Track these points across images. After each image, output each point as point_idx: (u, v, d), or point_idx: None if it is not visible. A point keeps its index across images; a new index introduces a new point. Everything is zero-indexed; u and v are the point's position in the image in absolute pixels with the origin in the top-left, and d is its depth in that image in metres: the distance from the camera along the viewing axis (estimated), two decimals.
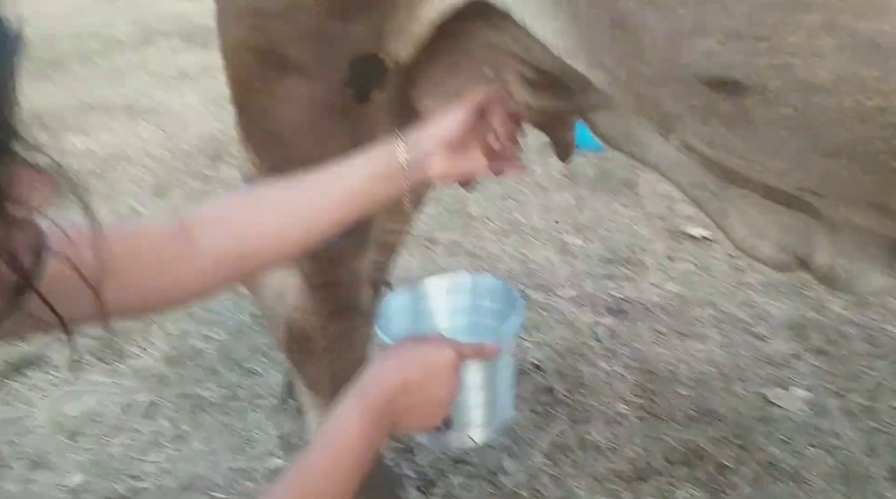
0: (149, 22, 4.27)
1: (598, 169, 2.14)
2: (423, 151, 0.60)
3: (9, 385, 1.25)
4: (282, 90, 0.62)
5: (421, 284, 0.73)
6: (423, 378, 0.55)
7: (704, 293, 1.56)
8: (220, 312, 1.48)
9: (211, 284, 0.55)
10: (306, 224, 0.57)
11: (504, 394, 0.65)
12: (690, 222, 1.87)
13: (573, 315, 1.49)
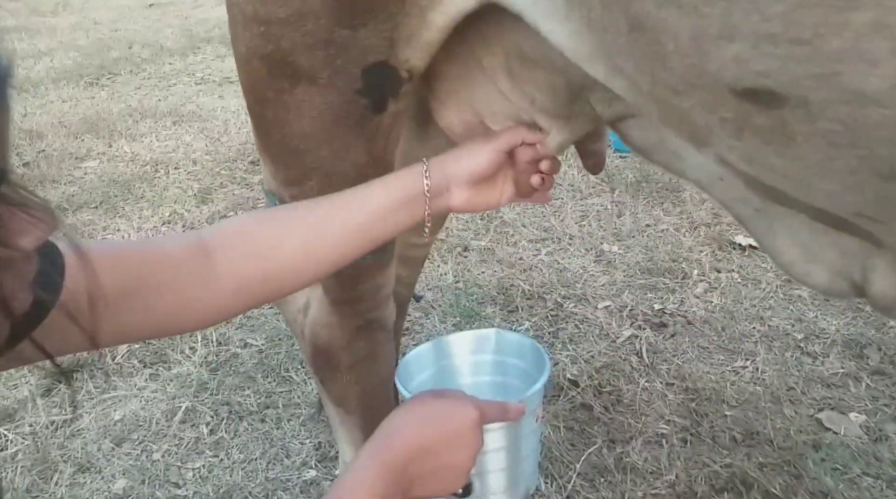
0: (195, 29, 4.44)
1: (638, 172, 2.09)
2: (447, 181, 0.60)
3: (60, 389, 1.32)
4: (294, 100, 0.61)
5: (444, 339, 0.73)
6: (444, 440, 0.53)
7: (752, 307, 1.50)
8: (259, 318, 1.52)
9: (230, 309, 0.55)
10: (328, 246, 0.56)
11: (528, 460, 0.63)
12: (737, 230, 1.80)
13: (611, 328, 1.45)
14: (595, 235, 1.82)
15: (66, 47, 4.16)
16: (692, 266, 1.66)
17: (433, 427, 0.53)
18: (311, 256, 0.56)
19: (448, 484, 0.55)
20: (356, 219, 0.57)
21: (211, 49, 3.96)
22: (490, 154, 0.61)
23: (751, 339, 1.41)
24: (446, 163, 0.61)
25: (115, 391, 1.33)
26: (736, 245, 1.75)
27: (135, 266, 0.49)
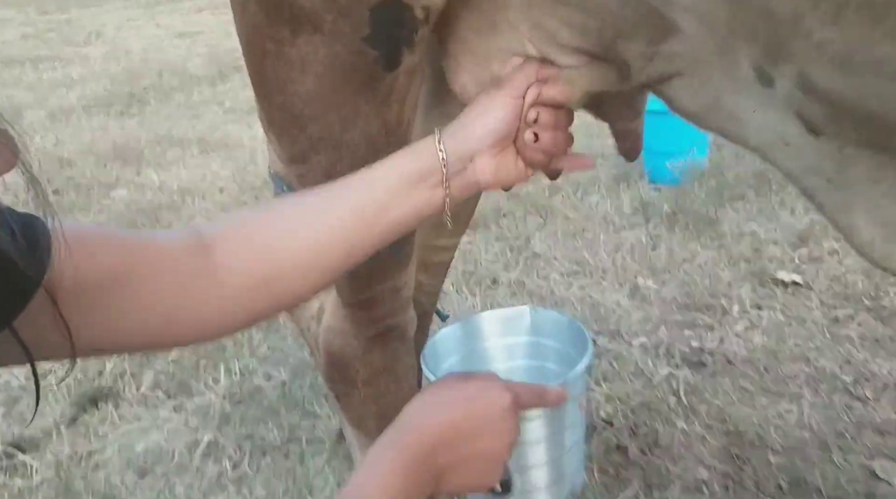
0: (224, 58, 4.63)
1: (674, 204, 2.10)
2: (468, 151, 0.52)
3: (84, 419, 1.37)
4: (296, 53, 0.54)
5: (475, 318, 0.68)
6: (472, 426, 0.48)
7: (796, 347, 1.48)
8: (283, 350, 1.55)
9: (233, 317, 0.49)
10: (335, 236, 0.51)
11: (573, 454, 0.59)
12: (780, 266, 1.79)
13: (647, 366, 1.45)
14: (629, 268, 1.82)
15: (97, 76, 4.38)
16: (732, 302, 1.65)
17: (461, 412, 0.48)
18: (318, 248, 0.50)
19: (482, 476, 0.50)
20: (363, 201, 0.51)
21: (239, 77, 4.12)
22: (506, 103, 0.53)
23: (796, 381, 1.39)
24: (460, 130, 0.53)
25: (139, 422, 1.37)
26: (779, 281, 1.73)
27: (124, 255, 0.44)
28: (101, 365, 1.50)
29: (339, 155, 0.59)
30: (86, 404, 1.39)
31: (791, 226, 1.97)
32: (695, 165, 2.24)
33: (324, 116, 0.57)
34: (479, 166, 0.53)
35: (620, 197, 2.18)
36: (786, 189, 2.17)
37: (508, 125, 0.53)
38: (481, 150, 0.53)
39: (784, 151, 0.52)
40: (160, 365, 1.51)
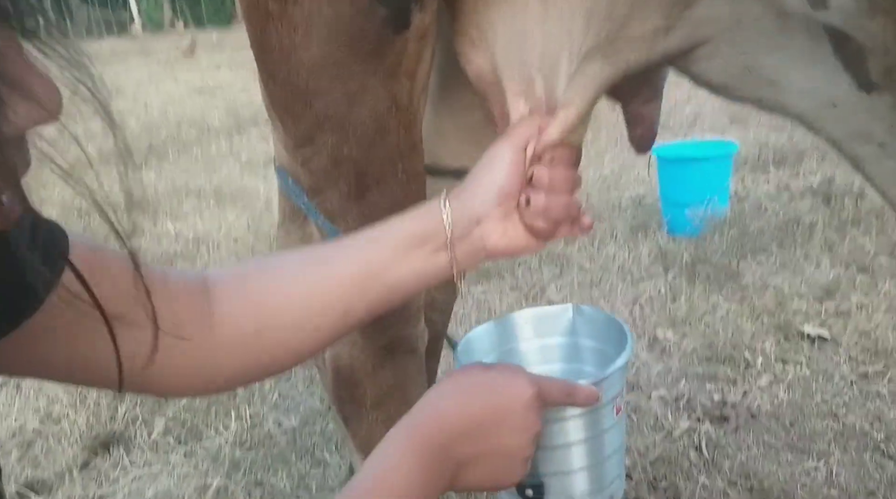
0: (241, 111, 4.86)
1: (693, 256, 2.13)
2: (474, 214, 0.52)
3: (96, 463, 1.42)
4: (300, 12, 0.53)
5: (508, 318, 0.66)
6: (491, 419, 0.47)
7: (823, 403, 1.48)
8: (293, 398, 1.60)
9: (225, 368, 0.49)
10: (332, 291, 0.50)
11: (612, 461, 0.56)
12: (805, 320, 1.80)
13: (667, 419, 1.45)
14: (648, 320, 1.84)
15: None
16: (755, 356, 1.66)
17: (480, 403, 0.47)
18: (312, 305, 0.50)
19: (502, 473, 0.48)
20: (362, 262, 0.50)
21: (256, 131, 4.33)
22: (509, 158, 0.52)
23: (823, 437, 1.38)
24: (465, 189, 0.53)
25: (150, 467, 1.41)
26: (804, 335, 1.74)
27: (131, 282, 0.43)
28: (112, 411, 1.56)
29: (345, 135, 0.58)
30: (98, 449, 1.44)
31: (816, 280, 1.99)
32: (715, 215, 2.28)
33: (329, 91, 0.56)
34: (486, 230, 0.52)
35: (638, 247, 2.23)
36: (810, 242, 2.20)
37: (512, 181, 0.52)
38: (487, 212, 0.52)
39: (830, 114, 0.49)
40: (172, 412, 1.56)
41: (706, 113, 3.86)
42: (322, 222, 0.69)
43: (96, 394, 1.60)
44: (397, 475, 0.44)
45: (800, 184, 2.73)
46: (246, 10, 0.57)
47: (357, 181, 0.64)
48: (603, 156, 3.24)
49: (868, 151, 0.50)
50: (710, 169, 2.29)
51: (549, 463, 0.55)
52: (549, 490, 0.55)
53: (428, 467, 0.45)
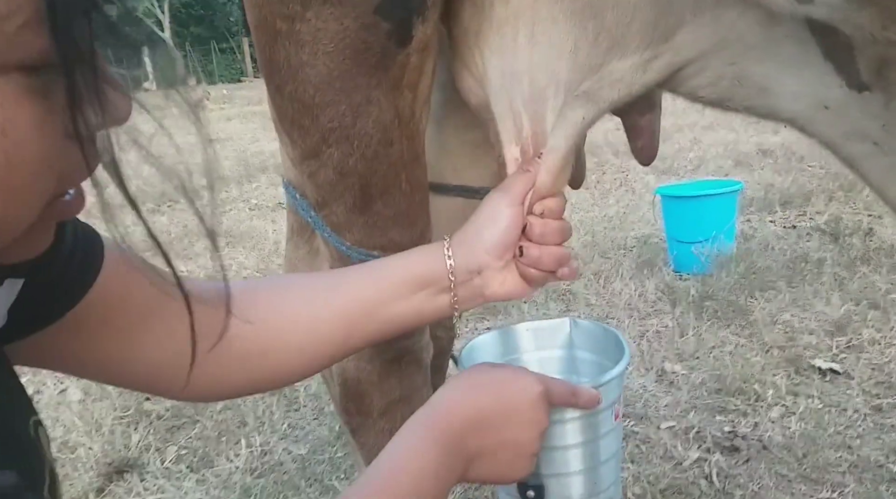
0: (251, 160, 5.04)
1: (700, 292, 2.16)
2: (475, 263, 0.57)
3: (111, 489, 1.45)
4: (307, 29, 0.56)
5: (510, 329, 0.69)
6: (500, 414, 0.50)
7: (837, 434, 1.48)
8: (302, 428, 1.63)
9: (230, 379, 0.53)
10: (334, 319, 0.54)
11: (609, 467, 0.59)
12: (816, 354, 1.81)
13: (676, 449, 1.46)
14: (656, 354, 1.86)
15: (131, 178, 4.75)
16: (766, 388, 1.67)
17: (490, 398, 0.50)
18: (316, 329, 0.54)
19: (510, 467, 0.51)
20: (366, 292, 0.55)
21: (266, 178, 4.48)
22: (509, 213, 0.58)
23: (837, 469, 1.38)
24: (470, 240, 0.58)
25: (163, 494, 1.43)
26: (815, 369, 1.75)
27: (158, 291, 0.47)
28: (127, 439, 1.60)
29: (350, 147, 0.61)
30: (112, 475, 1.48)
31: (827, 316, 2.01)
32: (722, 253, 2.33)
33: (335, 104, 0.59)
34: (486, 279, 0.57)
35: (645, 284, 2.27)
36: (819, 279, 2.23)
37: (512, 235, 0.58)
38: (488, 263, 0.57)
39: (823, 116, 0.50)
40: (184, 440, 1.60)
41: (710, 157, 3.97)
42: (328, 235, 0.73)
43: (111, 422, 1.64)
44: (413, 461, 0.47)
45: (807, 223, 2.78)
46: (255, 30, 0.61)
47: (362, 193, 0.67)
48: (607, 197, 3.33)
49: (863, 149, 0.51)
50: (714, 206, 2.36)
51: (550, 464, 0.58)
52: (549, 492, 0.58)
53: (442, 455, 0.48)
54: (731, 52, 0.53)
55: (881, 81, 0.48)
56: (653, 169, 3.76)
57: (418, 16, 0.57)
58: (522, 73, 0.60)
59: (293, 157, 0.68)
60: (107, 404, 1.75)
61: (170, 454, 1.53)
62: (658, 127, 0.69)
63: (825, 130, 0.52)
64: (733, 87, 0.55)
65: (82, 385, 1.87)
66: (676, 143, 4.44)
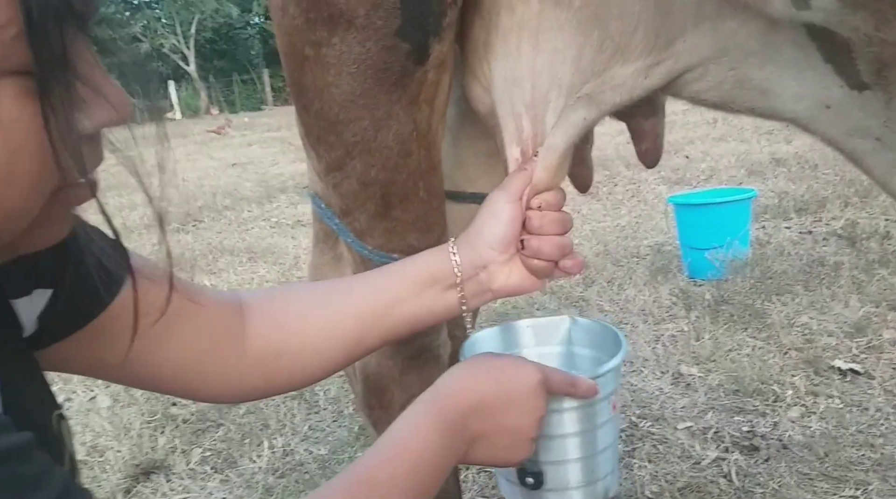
0: (271, 182, 5.13)
1: (716, 297, 2.15)
2: (479, 258, 0.59)
3: (138, 489, 1.48)
4: (332, 53, 0.60)
5: (511, 326, 0.71)
6: (503, 399, 0.52)
7: (859, 433, 1.46)
8: (323, 429, 1.65)
9: (249, 381, 0.55)
10: (349, 320, 0.57)
11: (606, 456, 0.61)
12: (836, 355, 1.79)
13: (694, 450, 1.44)
14: (671, 357, 1.85)
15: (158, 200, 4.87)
16: (784, 389, 1.65)
17: (491, 384, 0.52)
18: (330, 333, 0.57)
19: (509, 451, 0.53)
20: (378, 293, 0.58)
21: (285, 197, 4.56)
22: (507, 209, 0.60)
23: (860, 467, 1.35)
24: (473, 238, 0.61)
25: (188, 494, 1.46)
26: (835, 369, 1.73)
27: (178, 295, 0.51)
28: (153, 441, 1.63)
29: (372, 159, 0.65)
30: (140, 477, 1.51)
31: (845, 318, 1.99)
32: (736, 258, 2.31)
33: (358, 120, 0.63)
34: (491, 273, 0.60)
35: (659, 290, 2.26)
36: (837, 282, 2.20)
37: (513, 229, 0.60)
38: (492, 258, 0.60)
39: (824, 115, 0.51)
40: (208, 442, 1.63)
41: (722, 168, 3.95)
42: (351, 240, 0.77)
43: (139, 426, 1.67)
44: (415, 438, 0.49)
45: (823, 229, 2.75)
46: (284, 56, 0.65)
47: (383, 201, 0.70)
48: (619, 207, 3.33)
49: (865, 145, 0.52)
50: (727, 213, 2.35)
51: (548, 452, 0.59)
52: (547, 479, 0.59)
53: (444, 435, 0.49)
54: (731, 59, 0.54)
55: (881, 81, 0.49)
56: (664, 180, 3.76)
57: (435, 36, 0.61)
58: (525, 78, 0.63)
59: (319, 170, 0.72)
60: (134, 410, 1.78)
61: (195, 456, 1.55)
62: (662, 130, 0.71)
63: (827, 128, 0.53)
64: (735, 90, 0.56)
65: (111, 392, 1.91)
66: (688, 154, 4.43)
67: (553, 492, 0.60)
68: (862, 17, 0.46)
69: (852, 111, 0.50)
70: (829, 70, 0.50)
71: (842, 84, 0.50)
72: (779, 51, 0.52)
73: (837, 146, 0.55)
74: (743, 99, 0.57)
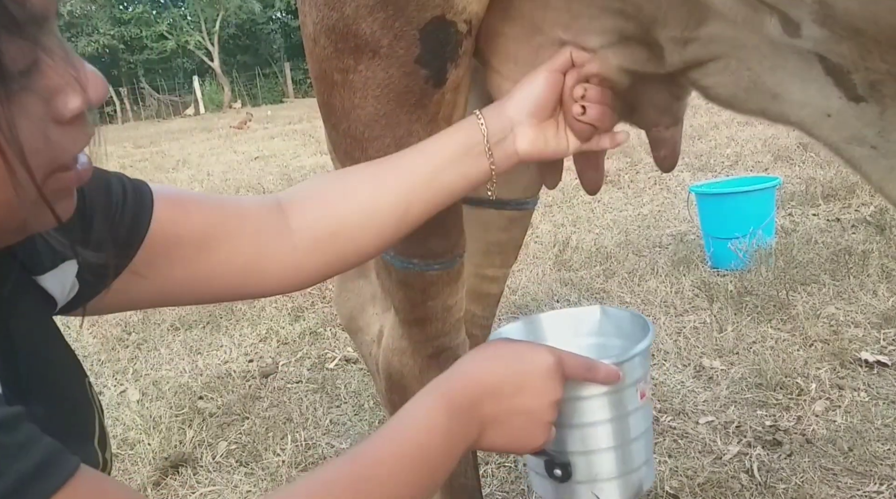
0: (293, 174, 5.18)
1: (739, 287, 2.11)
2: (509, 122, 0.62)
3: (167, 482, 1.52)
4: (359, 78, 0.65)
5: (537, 318, 0.70)
6: (515, 382, 0.51)
7: (885, 427, 1.43)
8: (344, 423, 1.67)
9: (307, 269, 0.58)
10: (391, 196, 0.60)
11: (640, 445, 0.59)
12: (863, 346, 1.74)
13: (716, 444, 1.43)
14: (693, 350, 1.83)
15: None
16: (809, 382, 1.62)
17: (505, 367, 0.52)
18: (377, 205, 0.60)
19: (524, 435, 0.52)
20: (416, 166, 0.61)
21: None
22: (545, 78, 0.62)
23: (885, 461, 1.32)
24: (504, 104, 0.63)
25: (215, 486, 1.49)
26: (862, 361, 1.69)
27: (215, 213, 0.55)
28: (182, 435, 1.67)
29: None
30: (168, 469, 1.55)
31: (873, 308, 1.93)
32: (761, 248, 2.26)
33: (381, 138, 0.68)
34: (518, 135, 0.63)
35: (681, 281, 2.22)
36: (865, 271, 2.15)
37: (546, 97, 0.62)
38: (520, 119, 0.62)
39: (826, 122, 0.54)
40: (234, 436, 1.66)
41: (747, 153, 3.86)
42: None
43: (168, 420, 1.71)
44: (424, 419, 0.49)
45: (851, 216, 2.68)
46: (316, 80, 0.71)
47: None
48: (641, 195, 3.28)
49: (862, 152, 0.54)
50: (750, 202, 2.30)
51: (575, 442, 0.58)
52: (577, 470, 0.58)
53: (453, 418, 0.50)
54: (749, 59, 0.58)
55: (875, 94, 0.52)
56: (688, 166, 3.69)
57: (452, 63, 0.65)
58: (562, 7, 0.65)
59: None
60: (163, 403, 1.83)
61: (220, 449, 1.59)
62: (680, 138, 0.74)
63: (828, 135, 0.56)
64: (750, 88, 0.59)
65: (140, 386, 1.96)
66: (713, 140, 4.33)
67: (584, 484, 0.58)
68: (847, 48, 0.49)
69: (850, 121, 0.53)
70: (829, 82, 0.53)
71: (840, 95, 0.53)
72: (787, 60, 0.55)
73: (838, 152, 0.57)
74: (756, 100, 0.59)
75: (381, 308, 0.97)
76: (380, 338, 0.93)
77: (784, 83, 0.56)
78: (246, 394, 1.85)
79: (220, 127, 10.87)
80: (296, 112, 11.90)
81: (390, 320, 0.89)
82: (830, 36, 0.48)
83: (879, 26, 0.45)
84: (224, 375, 1.99)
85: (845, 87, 0.52)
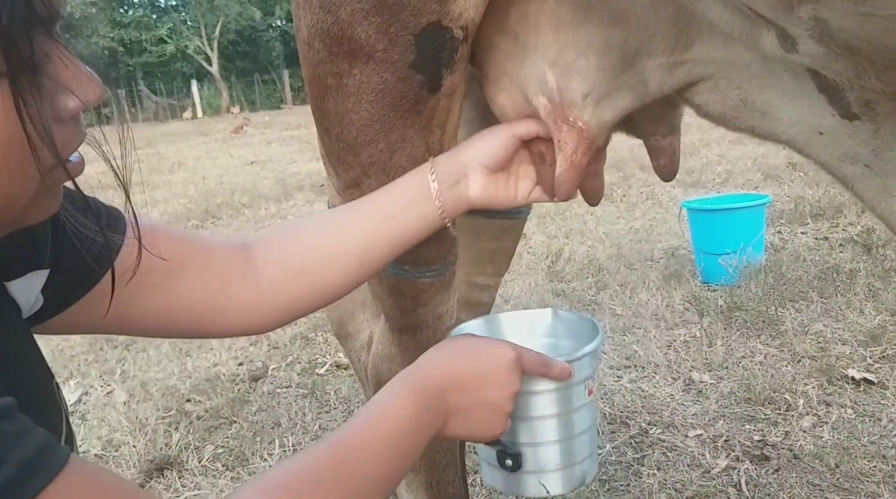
0: (288, 180, 5.16)
1: (729, 303, 2.11)
2: (462, 168, 0.65)
3: (152, 485, 1.49)
4: (353, 83, 0.64)
5: (496, 317, 0.73)
6: (478, 375, 0.54)
7: (871, 444, 1.43)
8: (332, 429, 1.66)
9: (272, 308, 0.59)
10: (356, 235, 0.62)
11: (583, 440, 0.62)
12: (850, 364, 1.75)
13: (704, 458, 1.42)
14: (683, 363, 1.83)
15: (178, 197, 4.96)
16: (797, 398, 1.62)
17: (468, 360, 0.55)
18: (340, 241, 0.62)
19: (486, 425, 0.55)
20: (374, 211, 0.64)
21: (302, 196, 4.58)
22: (505, 137, 0.65)
23: (871, 478, 1.32)
24: (460, 151, 0.66)
25: (200, 490, 1.47)
26: (849, 379, 1.69)
27: (182, 245, 0.56)
28: (168, 438, 1.64)
29: (387, 178, 0.69)
30: (153, 472, 1.52)
31: (860, 326, 1.94)
32: (750, 264, 2.27)
33: (375, 143, 0.68)
34: (470, 182, 0.65)
35: (672, 295, 2.22)
36: (852, 290, 2.16)
37: (500, 156, 0.65)
38: (473, 167, 0.65)
39: (818, 140, 0.54)
40: (221, 439, 1.63)
41: (738, 171, 3.89)
42: None
43: (154, 421, 1.68)
44: (391, 412, 0.51)
45: (839, 235, 2.70)
46: (309, 84, 0.70)
47: None
48: (633, 210, 3.29)
49: (855, 170, 0.54)
50: (740, 219, 2.31)
51: (526, 434, 0.61)
52: (526, 461, 0.60)
53: (422, 407, 0.52)
54: (739, 78, 0.57)
55: (869, 112, 0.51)
56: (679, 183, 3.71)
57: (447, 69, 0.65)
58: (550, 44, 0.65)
59: (338, 186, 0.76)
60: (150, 405, 1.80)
61: (207, 453, 1.56)
62: (678, 147, 0.74)
63: (820, 152, 0.56)
64: (739, 107, 0.59)
65: (127, 387, 1.93)
66: (704, 157, 4.37)
67: (532, 474, 0.61)
68: (843, 65, 0.49)
69: (843, 139, 0.52)
70: (822, 100, 0.53)
71: (834, 113, 0.53)
72: (779, 77, 0.55)
73: (830, 170, 0.57)
74: (745, 117, 0.59)
75: (371, 314, 0.96)
76: (369, 344, 0.92)
77: (774, 101, 0.56)
78: (234, 397, 1.83)
79: (218, 131, 10.85)
80: (294, 118, 11.89)
81: (380, 327, 0.88)
82: (826, 53, 0.48)
83: (873, 45, 0.45)
84: (213, 377, 1.96)
85: (839, 104, 0.52)
